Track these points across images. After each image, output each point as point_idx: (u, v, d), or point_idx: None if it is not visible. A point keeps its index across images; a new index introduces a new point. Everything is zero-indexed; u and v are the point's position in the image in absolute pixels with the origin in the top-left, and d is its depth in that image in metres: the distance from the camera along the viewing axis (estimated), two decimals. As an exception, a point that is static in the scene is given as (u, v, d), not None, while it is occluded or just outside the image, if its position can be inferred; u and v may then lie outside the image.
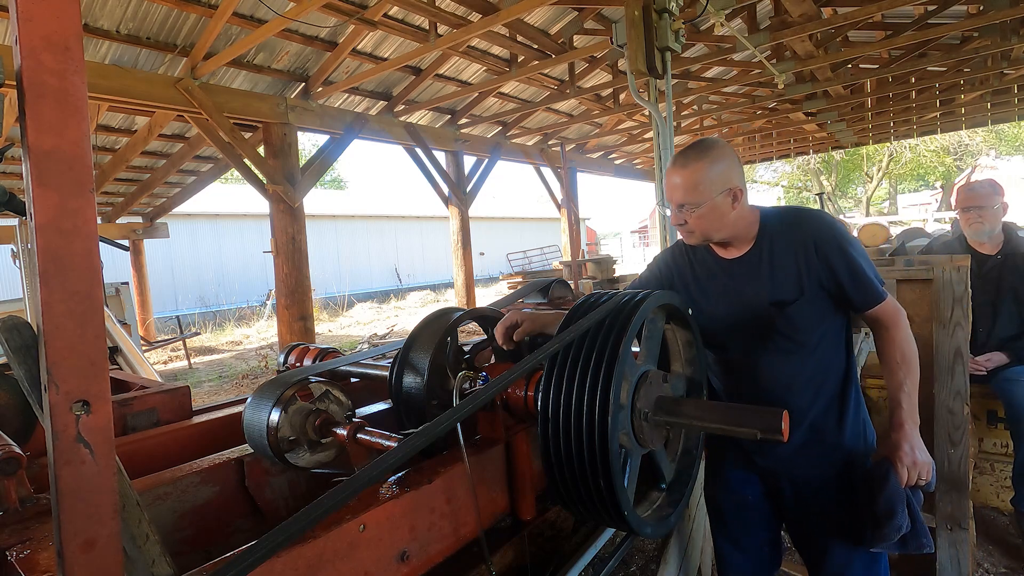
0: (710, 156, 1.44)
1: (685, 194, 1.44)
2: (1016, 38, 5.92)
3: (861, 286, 1.43)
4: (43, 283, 0.62)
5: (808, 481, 1.56)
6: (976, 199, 2.78)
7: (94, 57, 4.85)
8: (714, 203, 1.43)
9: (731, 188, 1.44)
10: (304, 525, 0.74)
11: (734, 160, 1.47)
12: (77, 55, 0.63)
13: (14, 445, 1.13)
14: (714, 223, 1.46)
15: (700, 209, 1.44)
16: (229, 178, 23.38)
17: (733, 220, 1.47)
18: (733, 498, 1.71)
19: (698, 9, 3.60)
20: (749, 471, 1.67)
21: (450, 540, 1.24)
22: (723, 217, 1.45)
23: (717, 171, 1.42)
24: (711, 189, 1.42)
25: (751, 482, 1.68)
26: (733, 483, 1.70)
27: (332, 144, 6.62)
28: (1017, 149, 27.87)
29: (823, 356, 1.50)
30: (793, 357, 1.50)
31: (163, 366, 9.67)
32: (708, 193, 1.42)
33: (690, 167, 1.44)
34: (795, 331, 1.48)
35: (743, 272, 1.53)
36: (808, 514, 1.58)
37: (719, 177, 1.43)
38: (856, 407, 1.55)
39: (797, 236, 1.47)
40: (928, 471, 1.40)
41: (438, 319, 1.55)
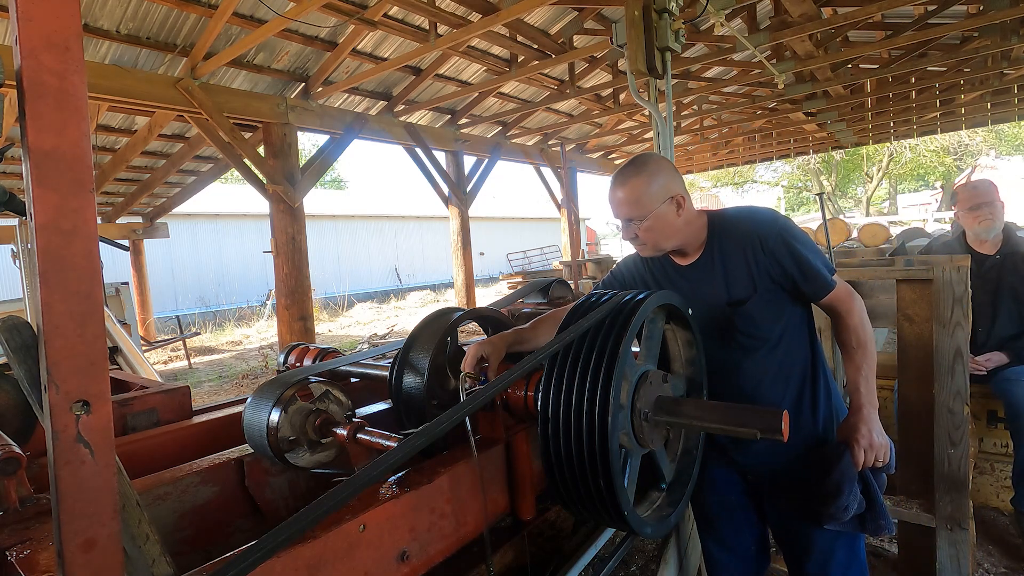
0: (647, 169, 1.49)
1: (630, 208, 1.48)
2: (1016, 38, 5.92)
3: (810, 277, 1.46)
4: (43, 283, 0.62)
5: (787, 472, 1.58)
6: (985, 195, 2.78)
7: (94, 57, 4.85)
8: (658, 213, 1.47)
9: (673, 196, 1.48)
10: (304, 525, 0.74)
11: (672, 170, 1.52)
12: (77, 55, 0.63)
13: (14, 445, 1.13)
14: (663, 232, 1.49)
15: (647, 221, 1.47)
16: (229, 178, 23.38)
17: (680, 227, 1.51)
18: (718, 498, 1.72)
19: (698, 9, 3.60)
20: (731, 469, 1.69)
21: (450, 540, 1.24)
22: (670, 226, 1.49)
23: (658, 183, 1.47)
24: (653, 200, 1.47)
25: (734, 481, 1.70)
26: (718, 483, 1.71)
27: (332, 144, 6.62)
28: (1017, 149, 27.88)
29: (788, 349, 1.54)
30: (757, 354, 1.53)
31: (163, 366, 9.67)
32: (651, 204, 1.47)
33: (630, 183, 1.48)
34: (755, 328, 1.51)
35: (698, 276, 1.57)
36: (789, 506, 1.59)
37: (660, 188, 1.47)
38: (827, 395, 1.58)
39: (743, 235, 1.50)
40: (885, 453, 1.44)
41: (438, 319, 1.55)
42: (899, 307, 2.24)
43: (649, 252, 1.57)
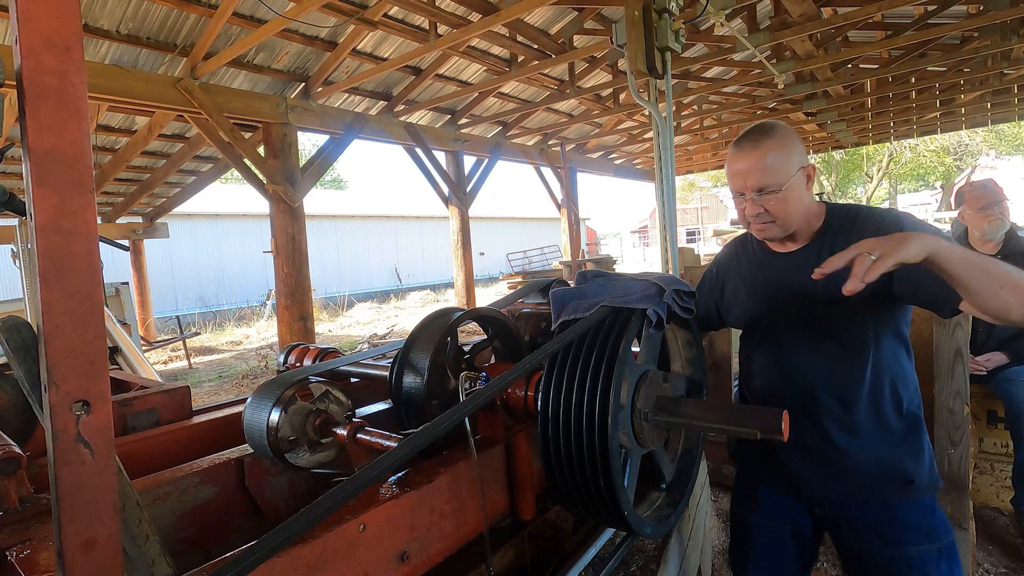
0: (779, 135, 1.35)
1: (764, 176, 1.32)
2: (1016, 38, 5.92)
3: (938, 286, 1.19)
4: (43, 283, 0.62)
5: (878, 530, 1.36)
6: (994, 195, 2.79)
7: (94, 57, 4.85)
8: (793, 183, 1.33)
9: (804, 167, 1.36)
10: (304, 525, 0.74)
11: (798, 139, 1.39)
12: (77, 55, 0.63)
13: (14, 445, 1.13)
14: (795, 206, 1.34)
15: (782, 192, 1.32)
16: (229, 178, 23.39)
17: (808, 204, 1.38)
18: (771, 526, 1.53)
19: (698, 9, 3.60)
20: (793, 498, 1.49)
21: (450, 540, 1.24)
22: (801, 200, 1.35)
23: (793, 150, 1.34)
24: (789, 167, 1.32)
25: (796, 512, 1.50)
26: (775, 510, 1.52)
27: (332, 144, 6.62)
28: (1017, 149, 27.88)
29: (882, 367, 1.34)
30: (844, 364, 1.36)
31: (163, 366, 9.67)
32: (787, 172, 1.32)
33: (763, 146, 1.33)
34: (846, 334, 1.35)
35: (797, 265, 1.40)
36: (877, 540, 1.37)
37: (796, 156, 1.34)
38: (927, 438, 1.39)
39: (865, 232, 1.27)
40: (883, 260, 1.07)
41: (438, 319, 1.54)
42: (899, 307, 2.24)
43: (776, 232, 1.39)
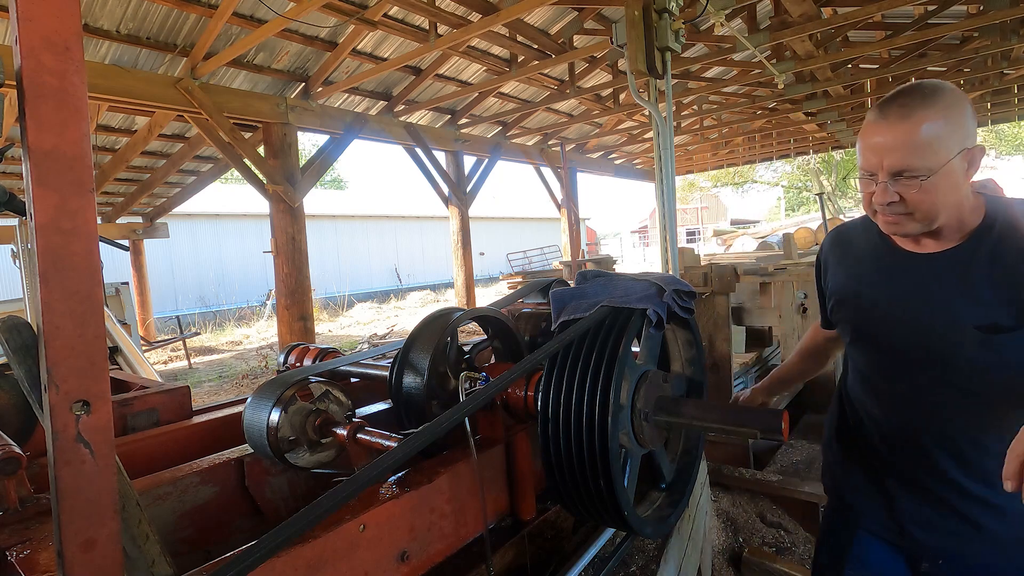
0: (944, 100, 1.01)
1: (909, 156, 1.00)
2: (1016, 38, 5.92)
3: None
4: (43, 283, 0.62)
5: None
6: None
7: (94, 57, 4.85)
8: (950, 168, 1.00)
9: (969, 148, 1.02)
10: (304, 525, 0.74)
11: (970, 107, 1.04)
12: (77, 55, 0.63)
13: (14, 445, 1.13)
14: (947, 198, 1.02)
15: (932, 178, 1.00)
16: (229, 178, 23.37)
17: (962, 198, 1.05)
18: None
19: (698, 9, 3.60)
20: (896, 549, 1.24)
21: (450, 540, 1.24)
22: (957, 189, 1.03)
23: (956, 121, 1.01)
24: (948, 147, 1.00)
25: (896, 565, 1.24)
26: (869, 561, 1.27)
27: (332, 144, 6.62)
28: (1017, 149, 27.86)
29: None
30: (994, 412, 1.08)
31: (163, 366, 9.67)
32: (944, 153, 0.99)
33: (916, 116, 1.00)
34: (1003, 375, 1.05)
35: (942, 273, 1.10)
36: None
37: (959, 130, 1.01)
38: None
39: None
40: None
41: (438, 319, 1.54)
42: (899, 307, 2.24)
43: (913, 228, 1.07)
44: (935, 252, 1.11)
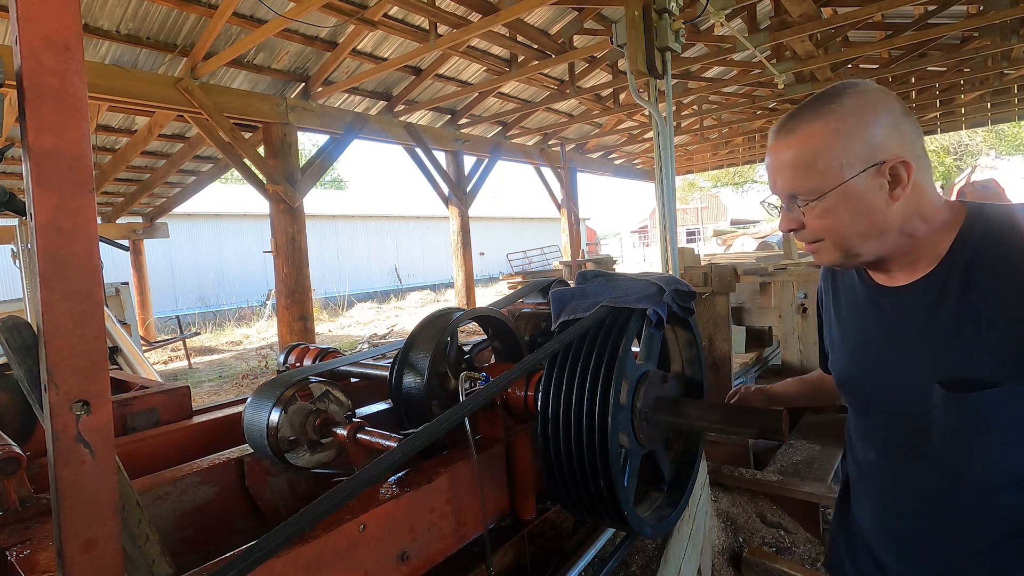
0: (841, 110, 0.83)
1: (793, 178, 0.87)
2: (1016, 38, 5.93)
3: None
4: (43, 283, 0.62)
5: None
6: (996, 196, 2.80)
7: (94, 57, 4.85)
8: (849, 189, 0.83)
9: (881, 162, 0.82)
10: (304, 525, 0.74)
11: (889, 111, 0.83)
12: (77, 55, 0.63)
13: (14, 445, 1.13)
14: (856, 223, 0.85)
15: (825, 202, 0.85)
16: (229, 178, 23.37)
17: (893, 218, 0.84)
18: None
19: (698, 9, 3.60)
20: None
21: (450, 540, 1.24)
22: (872, 213, 0.83)
23: (853, 134, 0.83)
24: (842, 164, 0.83)
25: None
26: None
27: (332, 144, 6.63)
28: (1017, 149, 27.87)
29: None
30: (975, 492, 0.86)
31: (163, 366, 9.67)
32: (836, 172, 0.83)
33: (800, 131, 0.86)
34: (983, 443, 0.83)
35: (907, 313, 0.90)
36: None
37: (858, 144, 0.82)
38: None
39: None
40: None
41: (438, 319, 1.54)
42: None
43: (833, 257, 0.90)
44: (904, 285, 0.90)
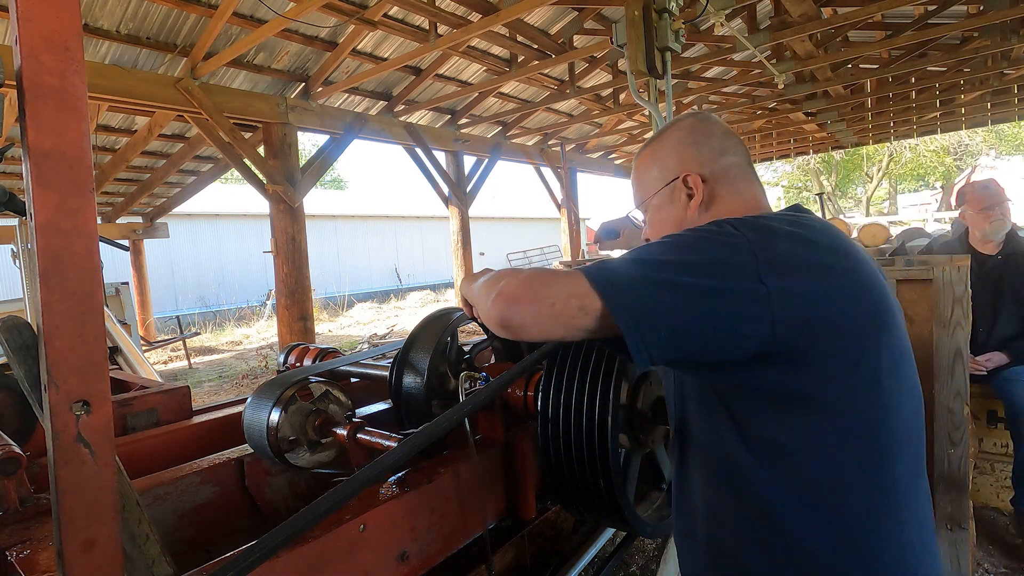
0: (659, 139, 1.00)
1: (634, 191, 1.04)
2: (1016, 38, 5.92)
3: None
4: (43, 283, 0.62)
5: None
6: (996, 196, 2.79)
7: (94, 57, 4.85)
8: (659, 199, 0.98)
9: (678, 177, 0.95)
10: (304, 525, 0.74)
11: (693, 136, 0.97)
12: (77, 55, 0.63)
13: (14, 445, 1.13)
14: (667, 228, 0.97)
15: (648, 209, 1.01)
16: (229, 178, 23.38)
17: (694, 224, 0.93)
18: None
19: (698, 9, 3.60)
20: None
21: (450, 540, 1.24)
22: (675, 219, 0.96)
23: (663, 153, 0.98)
24: (652, 180, 0.99)
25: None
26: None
27: (332, 144, 6.62)
28: (1017, 149, 27.88)
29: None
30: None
31: (163, 366, 9.67)
32: (649, 186, 0.99)
33: (638, 157, 1.03)
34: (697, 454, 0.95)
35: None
36: None
37: (666, 159, 0.97)
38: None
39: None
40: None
41: (438, 319, 1.54)
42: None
43: None
44: None
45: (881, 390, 0.80)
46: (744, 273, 0.73)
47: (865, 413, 0.79)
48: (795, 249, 0.78)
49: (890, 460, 0.81)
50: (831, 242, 0.82)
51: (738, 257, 0.75)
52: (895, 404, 0.81)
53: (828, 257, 0.80)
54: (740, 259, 0.74)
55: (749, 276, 0.73)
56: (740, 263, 0.74)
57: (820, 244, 0.81)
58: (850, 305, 0.78)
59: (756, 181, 0.98)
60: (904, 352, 0.85)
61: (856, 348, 0.78)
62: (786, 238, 0.79)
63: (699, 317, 0.73)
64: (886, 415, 0.80)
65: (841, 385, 0.78)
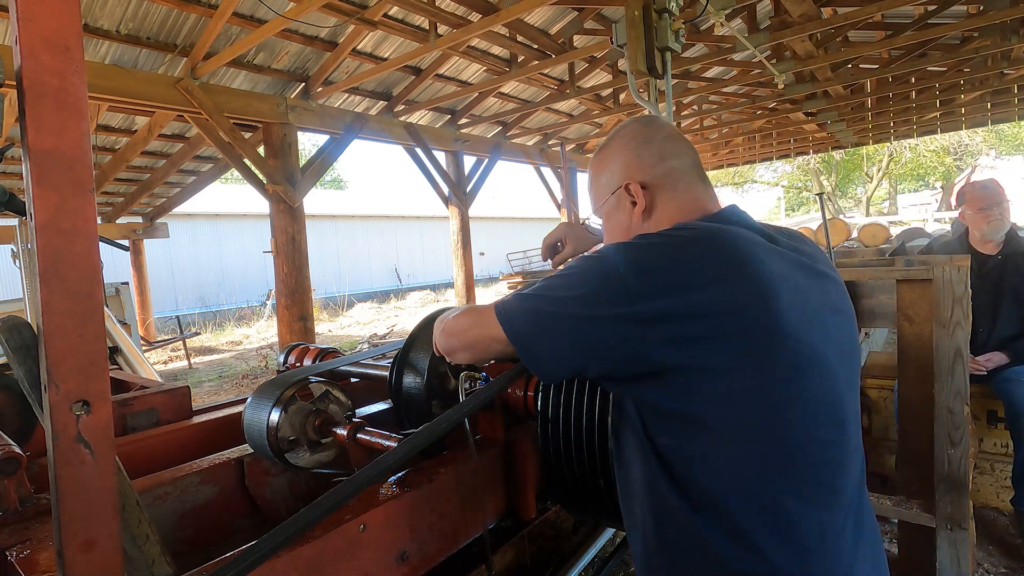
0: (604, 148, 1.05)
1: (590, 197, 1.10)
2: (1016, 38, 5.92)
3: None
4: (43, 283, 0.62)
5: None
6: (995, 196, 2.79)
7: (94, 57, 4.85)
8: (607, 205, 1.03)
9: (620, 186, 1.00)
10: (304, 525, 0.74)
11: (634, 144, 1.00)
12: (77, 55, 0.63)
13: (14, 445, 1.13)
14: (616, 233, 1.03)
15: (602, 221, 1.07)
16: (229, 178, 23.38)
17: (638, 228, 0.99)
18: None
19: (698, 9, 3.60)
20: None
21: (450, 540, 1.24)
22: (622, 225, 1.01)
23: (610, 160, 1.02)
24: (601, 188, 1.04)
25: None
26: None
27: (332, 144, 6.62)
28: (1017, 149, 27.88)
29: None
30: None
31: (163, 366, 9.67)
32: (600, 194, 1.05)
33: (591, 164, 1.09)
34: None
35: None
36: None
37: (612, 167, 1.02)
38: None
39: None
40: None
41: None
42: (899, 307, 2.25)
43: None
44: None
45: (770, 402, 0.80)
46: (616, 300, 0.80)
47: (751, 425, 0.80)
48: (677, 265, 0.82)
49: (783, 472, 0.81)
50: (727, 252, 0.83)
51: (610, 286, 0.81)
52: (792, 416, 0.81)
53: (715, 269, 0.81)
54: (612, 287, 0.81)
55: (621, 302, 0.80)
56: (612, 291, 0.81)
57: (708, 256, 0.82)
58: (732, 317, 0.79)
59: (700, 183, 0.99)
60: (814, 359, 0.84)
61: (740, 359, 0.79)
62: (672, 255, 0.83)
63: (576, 342, 0.83)
64: (778, 427, 0.81)
65: (724, 398, 0.80)
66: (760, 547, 0.80)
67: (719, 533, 0.82)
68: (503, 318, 0.90)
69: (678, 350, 0.79)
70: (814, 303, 0.87)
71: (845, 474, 0.86)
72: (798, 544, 0.81)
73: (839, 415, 0.86)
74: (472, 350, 0.98)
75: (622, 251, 0.84)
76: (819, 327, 0.86)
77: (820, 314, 0.87)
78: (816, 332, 0.85)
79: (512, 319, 0.90)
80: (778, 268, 0.85)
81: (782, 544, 0.81)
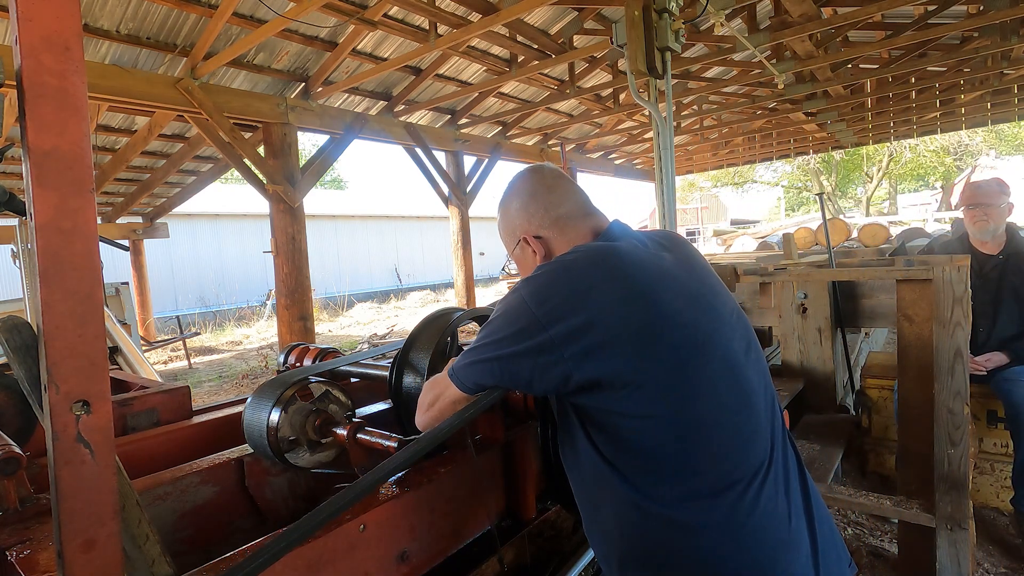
0: (502, 206, 1.20)
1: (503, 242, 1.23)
2: (1016, 38, 5.92)
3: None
4: (43, 283, 0.62)
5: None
6: (982, 197, 2.78)
7: (94, 57, 4.85)
8: (514, 253, 1.19)
9: (519, 240, 1.15)
10: (305, 532, 0.75)
11: (520, 200, 1.16)
12: (77, 55, 0.63)
13: (14, 445, 1.13)
14: (524, 273, 1.14)
15: (515, 262, 1.21)
16: (229, 178, 23.38)
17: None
18: None
19: (698, 9, 3.60)
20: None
21: (450, 540, 1.24)
22: (527, 267, 1.14)
23: (509, 217, 1.18)
24: (507, 237, 1.20)
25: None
26: None
27: (332, 144, 6.62)
28: (1017, 149, 27.87)
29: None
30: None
31: (163, 366, 9.67)
32: (507, 242, 1.20)
33: (498, 212, 1.22)
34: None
35: None
36: None
37: (511, 223, 1.17)
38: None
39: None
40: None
41: (438, 319, 1.54)
42: (899, 307, 2.25)
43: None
44: None
45: (677, 382, 0.91)
46: (533, 332, 0.93)
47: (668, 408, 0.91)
48: (568, 286, 0.94)
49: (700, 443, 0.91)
50: (608, 263, 0.96)
51: (525, 321, 0.95)
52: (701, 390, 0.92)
53: (599, 280, 0.94)
54: (528, 321, 0.94)
55: (536, 333, 0.93)
56: (528, 323, 0.94)
57: (591, 272, 0.95)
58: (621, 323, 0.90)
59: (585, 217, 1.13)
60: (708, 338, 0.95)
61: (642, 350, 0.90)
62: (562, 277, 0.96)
63: (515, 375, 0.96)
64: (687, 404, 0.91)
65: (638, 389, 0.90)
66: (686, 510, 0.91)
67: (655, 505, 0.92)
68: (456, 380, 1.05)
69: (594, 360, 0.90)
70: (694, 291, 1.00)
71: (758, 438, 0.96)
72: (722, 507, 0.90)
73: (744, 385, 0.97)
74: (441, 418, 1.10)
75: (526, 287, 0.98)
76: (705, 310, 0.98)
77: (704, 299, 1.00)
78: (704, 315, 0.97)
79: (462, 379, 1.04)
80: (656, 267, 0.98)
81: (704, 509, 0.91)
